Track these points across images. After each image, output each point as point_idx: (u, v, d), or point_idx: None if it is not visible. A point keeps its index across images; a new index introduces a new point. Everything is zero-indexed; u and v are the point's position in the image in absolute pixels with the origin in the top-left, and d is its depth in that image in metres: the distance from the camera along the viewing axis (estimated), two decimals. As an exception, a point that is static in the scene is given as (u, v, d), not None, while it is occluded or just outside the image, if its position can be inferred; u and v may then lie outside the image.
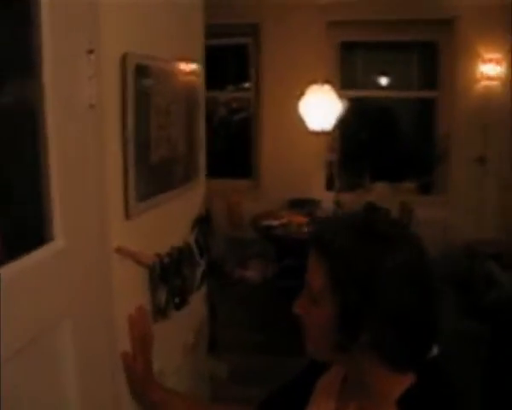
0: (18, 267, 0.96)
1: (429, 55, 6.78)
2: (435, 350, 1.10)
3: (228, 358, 4.41)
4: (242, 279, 5.86)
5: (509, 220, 6.19)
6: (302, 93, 5.65)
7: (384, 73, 7.07)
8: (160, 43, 1.55)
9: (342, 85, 6.61)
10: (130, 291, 1.44)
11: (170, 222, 1.66)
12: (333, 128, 6.08)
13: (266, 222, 5.57)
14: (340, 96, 5.77)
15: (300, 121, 5.77)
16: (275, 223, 5.53)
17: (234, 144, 7.67)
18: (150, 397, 1.43)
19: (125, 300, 1.40)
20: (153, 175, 1.50)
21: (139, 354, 1.42)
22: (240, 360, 4.47)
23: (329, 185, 6.62)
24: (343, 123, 6.26)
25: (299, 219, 5.55)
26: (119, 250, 1.33)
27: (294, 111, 5.73)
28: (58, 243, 1.09)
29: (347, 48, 6.84)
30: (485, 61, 6.25)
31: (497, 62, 6.22)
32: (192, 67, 1.77)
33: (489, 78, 6.26)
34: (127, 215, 1.37)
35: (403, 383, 1.06)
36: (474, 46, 6.29)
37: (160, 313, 1.54)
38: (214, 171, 6.71)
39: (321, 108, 5.53)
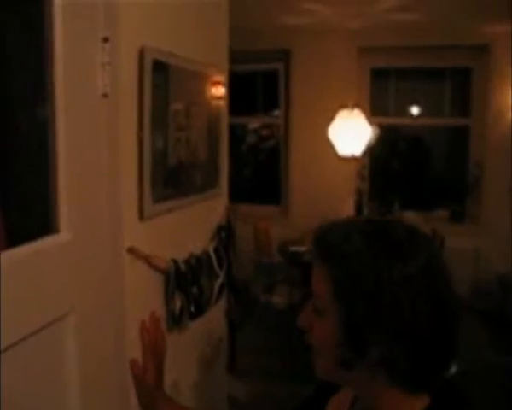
0: (19, 255, 0.91)
1: (462, 82, 6.68)
2: (453, 369, 0.99)
3: (248, 384, 4.32)
4: (268, 305, 5.77)
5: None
6: (332, 118, 5.62)
7: (415, 101, 6.99)
8: (183, 43, 1.51)
9: (373, 112, 6.54)
10: (144, 296, 1.37)
11: (188, 228, 1.61)
12: (362, 155, 6.02)
13: (294, 248, 5.49)
14: (371, 122, 5.72)
15: (330, 147, 5.73)
16: (302, 249, 5.45)
17: (263, 171, 7.65)
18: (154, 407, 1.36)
19: (138, 304, 1.34)
20: (170, 177, 1.45)
21: (150, 364, 1.35)
22: (261, 386, 4.37)
23: (358, 213, 6.52)
24: (373, 150, 6.20)
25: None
26: (131, 251, 1.27)
27: (324, 137, 5.69)
28: (64, 235, 1.04)
29: (378, 74, 6.79)
30: (518, 88, 6.14)
31: (530, 89, 6.10)
32: (215, 72, 1.73)
33: (522, 104, 6.14)
34: (141, 216, 1.31)
35: (415, 405, 0.96)
36: (508, 73, 6.18)
37: (175, 321, 1.47)
38: (243, 196, 6.76)
39: (351, 133, 5.48)
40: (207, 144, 1.72)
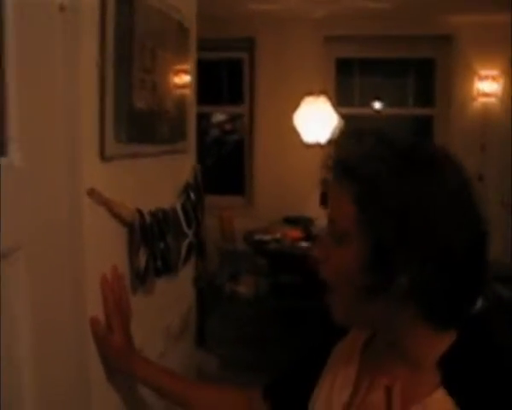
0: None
1: (426, 73, 6.70)
2: (479, 304, 0.92)
3: (218, 374, 4.22)
4: (234, 295, 5.66)
5: (509, 239, 6.03)
6: (297, 105, 5.55)
7: (380, 91, 6.97)
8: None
9: (338, 102, 6.49)
10: (106, 247, 1.25)
11: (154, 180, 1.48)
12: (328, 145, 5.95)
13: (259, 236, 5.40)
14: (337, 112, 5.66)
15: (295, 137, 5.65)
16: (268, 237, 5.36)
17: (228, 162, 7.54)
18: (132, 373, 1.25)
19: (99, 255, 1.21)
20: (136, 120, 1.32)
21: (116, 322, 1.22)
22: (229, 376, 4.27)
23: (324, 204, 6.46)
24: (339, 139, 6.14)
25: (294, 233, 5.38)
26: (91, 193, 1.15)
27: (289, 127, 5.61)
28: (13, 159, 0.91)
29: (344, 64, 6.75)
30: (481, 78, 6.18)
31: (494, 79, 6.16)
32: (182, 19, 1.61)
33: (486, 94, 6.19)
34: (103, 156, 1.19)
35: (443, 343, 0.89)
36: (471, 63, 6.22)
37: (140, 279, 1.35)
38: (207, 187, 6.62)
39: (316, 120, 5.41)
40: (175, 98, 1.61)
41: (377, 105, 7.00)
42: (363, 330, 1.06)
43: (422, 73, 6.79)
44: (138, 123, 1.34)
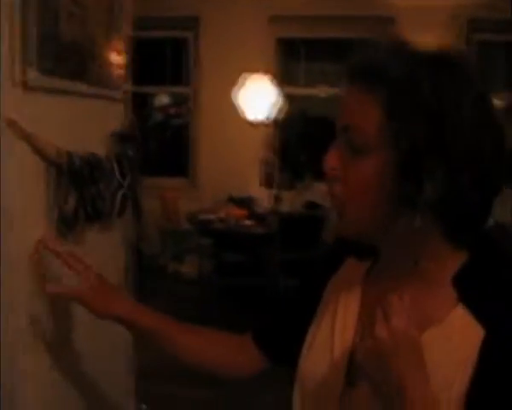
0: None
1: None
2: (491, 221, 0.89)
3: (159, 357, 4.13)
4: (177, 275, 5.58)
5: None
6: (241, 85, 5.50)
7: (325, 71, 6.99)
8: None
9: (283, 82, 6.47)
10: (30, 188, 1.16)
11: (85, 123, 1.39)
12: (272, 126, 5.94)
13: (203, 216, 5.34)
14: (281, 92, 5.65)
15: (238, 117, 5.60)
16: (212, 217, 5.31)
17: (172, 144, 7.43)
18: (111, 312, 1.14)
19: (23, 196, 1.12)
20: (63, 52, 1.23)
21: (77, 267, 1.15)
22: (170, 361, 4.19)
23: (268, 184, 6.46)
24: (283, 120, 6.13)
25: (238, 212, 5.34)
26: (11, 124, 1.06)
27: (233, 107, 5.55)
28: None
29: (288, 45, 6.73)
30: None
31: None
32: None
33: (428, 76, 6.26)
34: (25, 85, 1.09)
35: (458, 260, 0.85)
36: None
37: (67, 225, 1.26)
38: (151, 170, 6.55)
39: (258, 98, 5.37)
40: (108, 40, 1.52)
41: (325, 78, 7.02)
42: (363, 260, 0.98)
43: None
44: (66, 57, 1.25)
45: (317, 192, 6.46)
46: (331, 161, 0.85)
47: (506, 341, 0.77)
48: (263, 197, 5.92)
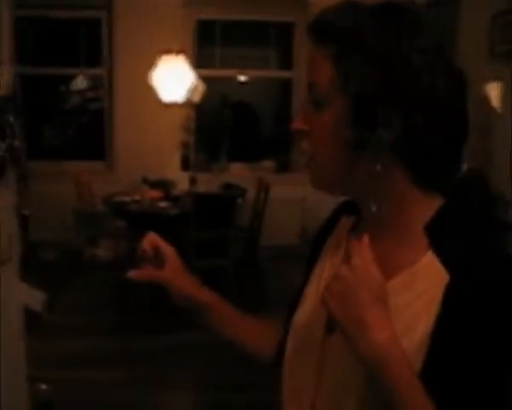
0: None
1: (285, 36, 6.83)
2: (464, 167, 0.90)
3: (79, 342, 4.12)
4: (93, 259, 5.52)
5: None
6: (156, 65, 5.44)
7: (242, 54, 7.03)
8: None
9: (199, 64, 6.46)
10: None
11: None
12: (188, 107, 5.93)
13: (119, 198, 5.29)
14: (198, 74, 5.64)
15: (155, 98, 5.55)
16: (127, 199, 5.27)
17: (89, 128, 7.31)
18: (194, 296, 1.13)
19: None
20: None
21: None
22: (90, 342, 4.19)
23: (185, 166, 6.46)
24: (200, 103, 6.13)
25: (154, 194, 5.32)
26: None
27: (149, 89, 5.49)
28: None
29: (205, 26, 6.72)
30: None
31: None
32: None
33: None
34: None
35: (430, 207, 0.87)
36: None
37: None
38: (67, 154, 6.42)
39: (173, 79, 5.34)
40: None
41: (241, 60, 7.07)
42: (350, 217, 1.01)
43: (283, 36, 6.92)
44: None
45: (234, 174, 6.54)
46: (298, 119, 0.90)
47: (469, 286, 0.77)
48: (180, 179, 5.91)
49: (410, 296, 0.83)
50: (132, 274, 1.09)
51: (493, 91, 3.15)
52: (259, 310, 4.95)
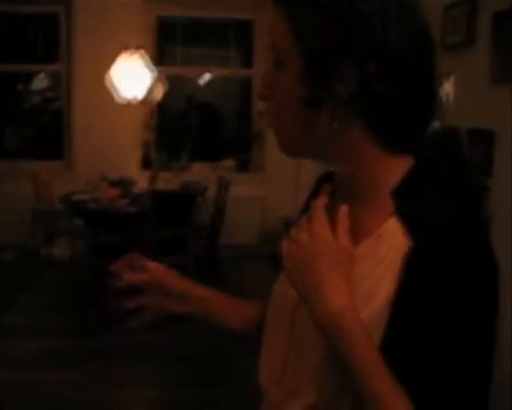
0: None
1: (247, 33, 6.82)
2: (436, 124, 0.85)
3: (34, 342, 4.05)
4: (50, 258, 5.43)
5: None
6: (116, 62, 5.38)
7: (203, 52, 7.01)
8: None
9: (160, 62, 6.41)
10: None
11: None
12: (149, 105, 5.88)
13: (76, 196, 5.21)
14: (159, 72, 5.60)
15: (113, 96, 5.48)
16: (85, 197, 5.19)
17: (49, 127, 7.18)
18: (186, 289, 1.11)
19: None
20: None
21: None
22: (45, 342, 4.11)
23: (145, 164, 6.41)
24: (162, 103, 6.09)
25: (113, 192, 5.26)
26: None
27: (109, 87, 5.41)
28: None
29: (166, 24, 6.67)
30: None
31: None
32: None
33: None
34: None
35: (397, 168, 0.83)
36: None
37: None
38: (26, 153, 6.29)
39: (133, 76, 5.29)
40: None
41: (202, 58, 7.04)
42: (329, 184, 0.94)
43: (243, 34, 6.91)
44: None
45: (195, 173, 6.50)
46: (260, 82, 0.89)
47: (430, 253, 0.74)
48: (140, 178, 5.86)
49: (372, 263, 0.81)
50: (128, 276, 1.07)
51: (446, 84, 3.18)
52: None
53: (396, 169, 0.83)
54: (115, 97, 5.37)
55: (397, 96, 0.79)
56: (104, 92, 5.79)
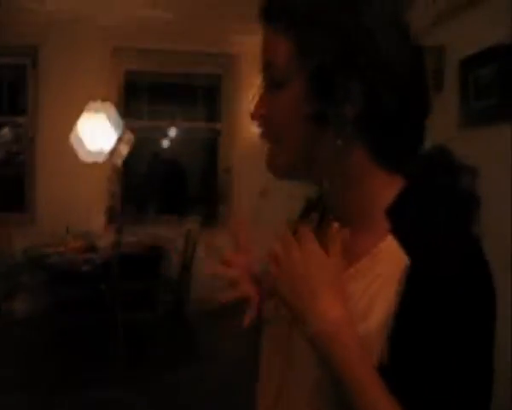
0: None
1: (214, 88, 6.89)
2: (427, 144, 0.88)
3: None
4: (9, 313, 5.21)
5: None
6: (82, 115, 5.32)
7: (169, 107, 7.03)
8: None
9: (126, 115, 6.38)
10: None
11: None
12: (116, 159, 5.83)
13: (40, 250, 5.07)
14: (125, 126, 5.56)
15: (80, 148, 5.40)
16: (49, 250, 5.05)
17: (12, 180, 7.00)
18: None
19: None
20: None
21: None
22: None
23: (111, 218, 6.30)
24: (128, 157, 6.03)
25: (77, 246, 5.13)
26: None
27: (75, 140, 5.33)
28: None
29: (133, 77, 6.66)
30: (266, 96, 6.49)
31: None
32: None
33: (268, 112, 6.50)
34: None
35: (392, 188, 0.84)
36: (255, 80, 6.50)
37: None
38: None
39: (99, 129, 5.23)
40: None
41: (169, 113, 7.04)
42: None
43: (211, 89, 6.97)
44: None
45: (161, 227, 6.41)
46: (256, 101, 0.89)
47: (428, 270, 0.75)
48: (106, 232, 5.74)
49: (366, 282, 0.81)
50: (225, 297, 1.06)
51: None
52: (187, 364, 4.82)
53: (390, 187, 0.84)
54: (80, 151, 5.29)
55: (398, 114, 0.81)
56: (70, 145, 5.72)
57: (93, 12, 5.84)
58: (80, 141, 5.23)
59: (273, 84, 0.85)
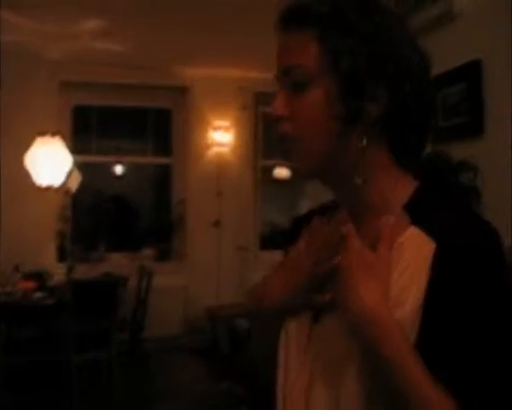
0: None
1: (164, 122, 6.85)
2: (429, 148, 0.95)
3: None
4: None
5: (245, 282, 6.31)
6: (30, 150, 5.17)
7: (119, 140, 6.94)
8: None
9: (75, 150, 6.24)
10: None
11: None
12: (65, 196, 5.69)
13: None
14: (74, 161, 5.44)
15: (28, 186, 5.22)
16: (7, 289, 4.86)
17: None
18: None
19: None
20: None
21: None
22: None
23: (62, 256, 6.12)
24: (75, 192, 5.88)
25: (27, 284, 4.95)
26: None
27: (23, 173, 5.16)
28: None
29: (82, 111, 6.56)
30: (215, 129, 6.53)
31: (226, 129, 6.56)
32: None
33: (219, 144, 6.56)
34: None
35: (405, 184, 0.90)
36: (205, 114, 6.54)
37: None
38: None
39: (48, 162, 5.08)
40: None
41: (119, 144, 6.96)
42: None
43: (161, 123, 6.93)
44: None
45: (113, 263, 6.27)
46: (278, 103, 0.89)
47: (457, 251, 0.78)
48: (56, 270, 5.57)
49: (398, 271, 0.82)
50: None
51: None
52: (145, 404, 4.67)
53: (404, 185, 0.89)
54: (29, 186, 5.13)
55: (416, 115, 0.87)
56: (17, 181, 5.55)
57: (40, 45, 5.72)
58: (28, 176, 5.08)
59: (297, 85, 0.87)
